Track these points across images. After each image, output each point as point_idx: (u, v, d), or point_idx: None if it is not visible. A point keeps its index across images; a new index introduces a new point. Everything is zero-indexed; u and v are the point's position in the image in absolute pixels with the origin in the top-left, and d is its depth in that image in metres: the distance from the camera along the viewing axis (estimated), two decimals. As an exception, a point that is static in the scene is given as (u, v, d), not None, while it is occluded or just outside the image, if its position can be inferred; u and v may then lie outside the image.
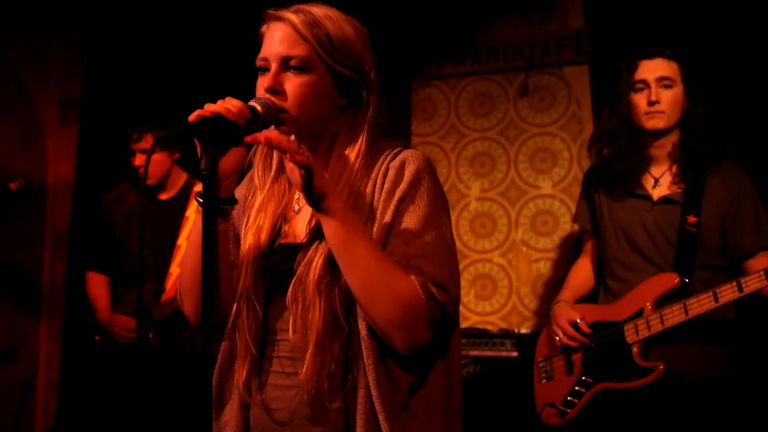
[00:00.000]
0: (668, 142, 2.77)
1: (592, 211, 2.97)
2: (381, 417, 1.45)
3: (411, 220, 1.51)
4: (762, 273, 2.45)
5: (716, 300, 2.50)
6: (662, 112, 2.71)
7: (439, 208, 1.55)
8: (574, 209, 4.03)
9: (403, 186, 1.53)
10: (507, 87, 4.33)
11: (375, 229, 1.51)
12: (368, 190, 1.55)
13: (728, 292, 2.49)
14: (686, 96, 2.75)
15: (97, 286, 3.70)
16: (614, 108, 2.84)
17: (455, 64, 4.41)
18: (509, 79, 4.33)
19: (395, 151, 1.60)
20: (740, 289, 2.48)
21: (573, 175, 4.14)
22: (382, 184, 1.54)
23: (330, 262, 1.49)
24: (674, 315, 2.57)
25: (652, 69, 2.74)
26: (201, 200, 1.42)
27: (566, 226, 4.12)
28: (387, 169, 1.56)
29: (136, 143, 3.56)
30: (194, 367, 3.41)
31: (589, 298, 3.03)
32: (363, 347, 1.47)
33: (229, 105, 1.42)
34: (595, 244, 3.04)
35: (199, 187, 3.73)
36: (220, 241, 1.55)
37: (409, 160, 1.57)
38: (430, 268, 1.47)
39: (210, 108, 1.41)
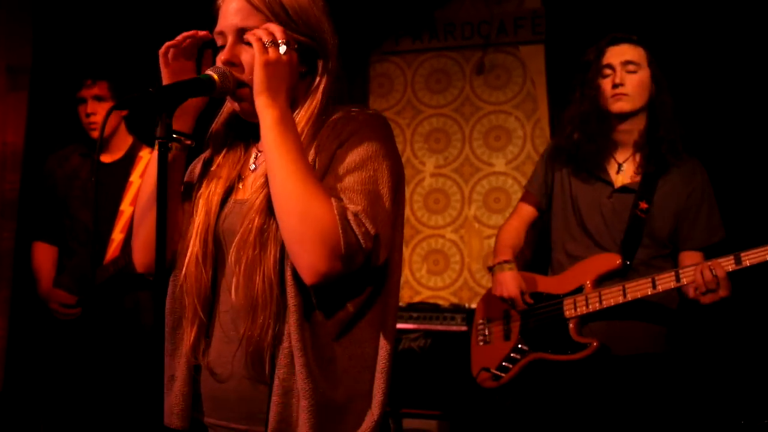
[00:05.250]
0: (634, 128, 2.80)
1: (548, 183, 2.99)
2: (299, 362, 1.45)
3: (347, 159, 1.50)
4: (699, 267, 2.51)
5: (654, 287, 2.58)
6: (626, 94, 2.74)
7: (380, 157, 1.52)
8: (526, 187, 4.10)
9: (346, 132, 1.53)
10: (463, 64, 4.35)
11: (314, 170, 1.51)
12: (315, 144, 1.55)
13: (667, 281, 2.57)
14: (653, 81, 2.78)
15: (42, 256, 3.58)
16: (584, 92, 2.86)
17: (413, 40, 4.42)
18: (466, 57, 4.36)
19: (350, 111, 1.60)
20: (677, 280, 2.56)
21: (526, 153, 4.19)
22: (329, 135, 1.54)
23: (267, 211, 1.49)
24: (613, 296, 2.65)
25: (618, 54, 2.78)
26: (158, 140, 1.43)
27: (518, 203, 4.18)
28: (336, 123, 1.56)
29: (90, 89, 3.44)
30: (141, 335, 3.38)
31: (539, 269, 3.09)
32: (288, 292, 1.47)
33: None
34: (534, 211, 3.04)
35: (144, 152, 3.61)
36: (175, 171, 1.58)
37: (361, 113, 1.58)
38: (353, 201, 1.45)
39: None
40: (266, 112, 1.46)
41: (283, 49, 1.48)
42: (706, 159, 2.85)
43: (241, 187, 1.64)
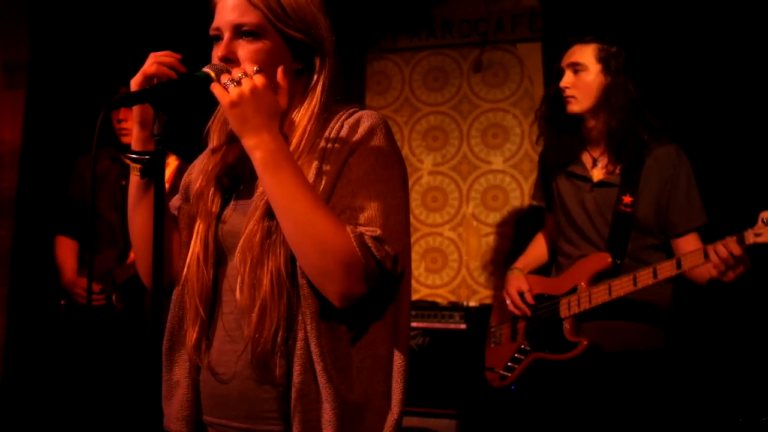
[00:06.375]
0: (595, 125, 2.81)
1: (546, 189, 3.05)
2: (318, 368, 1.45)
3: (358, 171, 1.49)
4: (674, 261, 2.52)
5: (635, 284, 2.59)
6: (573, 96, 2.79)
7: (390, 164, 1.53)
8: (524, 185, 4.13)
9: (354, 140, 1.52)
10: (461, 62, 4.35)
11: (324, 181, 1.50)
12: (319, 148, 1.53)
13: (646, 278, 2.57)
14: (605, 75, 2.78)
15: (65, 250, 3.69)
16: (545, 97, 3.00)
17: (410, 38, 4.42)
18: (463, 55, 4.36)
19: (350, 111, 1.59)
20: (654, 276, 2.56)
21: (524, 151, 4.19)
22: (335, 140, 1.53)
23: (272, 215, 1.47)
24: (600, 295, 2.67)
25: (567, 57, 2.84)
26: (133, 156, 1.51)
27: (516, 201, 4.19)
28: (341, 126, 1.55)
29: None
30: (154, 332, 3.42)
31: (543, 270, 3.12)
32: (302, 299, 1.46)
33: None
34: (550, 219, 3.13)
35: (171, 159, 3.70)
36: (146, 195, 1.58)
37: (364, 117, 1.56)
38: (371, 222, 1.45)
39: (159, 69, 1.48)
40: (253, 155, 1.43)
41: (244, 80, 1.42)
42: (693, 146, 2.84)
43: (242, 188, 1.63)
